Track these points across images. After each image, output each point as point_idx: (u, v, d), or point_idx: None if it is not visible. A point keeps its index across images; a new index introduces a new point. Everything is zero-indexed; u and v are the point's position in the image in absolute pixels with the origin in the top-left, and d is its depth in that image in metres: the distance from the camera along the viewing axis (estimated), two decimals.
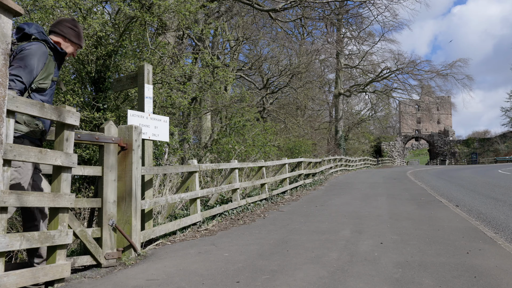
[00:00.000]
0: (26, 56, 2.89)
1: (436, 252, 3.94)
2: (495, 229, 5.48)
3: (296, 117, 22.46)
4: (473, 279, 3.08)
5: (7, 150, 2.46)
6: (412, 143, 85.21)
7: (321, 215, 6.68)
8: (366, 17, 35.71)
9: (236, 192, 7.45)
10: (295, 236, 4.92)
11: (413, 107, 54.58)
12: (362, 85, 37.85)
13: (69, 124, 3.03)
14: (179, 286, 3.01)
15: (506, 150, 56.01)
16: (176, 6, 7.23)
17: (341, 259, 3.73)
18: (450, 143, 61.01)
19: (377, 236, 4.81)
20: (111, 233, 3.78)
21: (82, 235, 3.46)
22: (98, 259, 3.59)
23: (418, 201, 8.30)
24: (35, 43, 2.99)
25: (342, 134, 36.23)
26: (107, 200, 3.78)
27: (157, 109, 7.53)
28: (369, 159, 38.30)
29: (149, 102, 4.69)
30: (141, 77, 4.65)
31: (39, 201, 2.75)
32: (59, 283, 2.97)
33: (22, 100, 2.61)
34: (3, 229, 2.47)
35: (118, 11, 7.42)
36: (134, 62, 7.24)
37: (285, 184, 11.26)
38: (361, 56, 36.16)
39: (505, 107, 77.08)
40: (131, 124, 4.08)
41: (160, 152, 7.62)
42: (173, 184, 7.35)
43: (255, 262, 3.67)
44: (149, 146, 4.70)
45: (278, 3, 13.19)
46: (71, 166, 3.04)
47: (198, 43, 13.22)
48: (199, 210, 5.80)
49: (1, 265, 2.46)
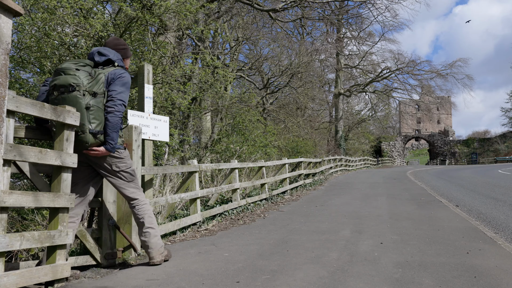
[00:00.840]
0: (125, 84, 3.35)
1: (436, 252, 3.94)
2: (495, 229, 5.48)
3: (296, 117, 22.45)
4: (473, 279, 3.08)
5: (7, 150, 2.46)
6: (412, 143, 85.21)
7: (321, 215, 6.68)
8: (366, 17, 35.71)
9: (236, 192, 7.45)
10: (295, 236, 4.92)
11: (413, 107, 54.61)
12: (362, 85, 37.85)
13: (69, 124, 3.03)
14: (179, 286, 3.01)
15: (506, 150, 56.01)
16: (177, 6, 7.23)
17: (341, 259, 3.73)
18: (450, 143, 61.01)
19: (377, 236, 4.81)
20: (110, 233, 3.78)
21: (82, 235, 3.47)
22: (97, 259, 3.60)
23: (418, 201, 8.30)
24: (125, 72, 3.44)
25: (342, 134, 36.22)
26: (107, 200, 3.79)
27: (157, 109, 7.53)
28: (369, 159, 38.31)
29: (149, 102, 4.69)
30: (141, 77, 4.65)
31: (39, 201, 2.75)
32: (59, 283, 2.97)
33: (22, 100, 2.62)
34: (3, 229, 2.47)
35: (118, 11, 7.43)
36: (135, 62, 7.25)
37: (285, 184, 11.26)
38: (361, 56, 36.16)
39: (505, 107, 77.07)
40: (131, 124, 4.08)
41: (160, 152, 7.63)
42: (173, 184, 7.36)
43: (255, 262, 3.67)
44: (149, 146, 4.70)
45: (278, 3, 13.20)
46: (71, 166, 3.04)
47: (198, 43, 13.22)
48: (199, 210, 5.80)
49: (1, 265, 2.46)
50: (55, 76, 3.18)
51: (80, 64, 3.24)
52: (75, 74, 3.14)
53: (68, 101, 3.07)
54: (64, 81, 3.12)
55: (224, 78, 10.30)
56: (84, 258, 3.54)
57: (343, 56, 35.63)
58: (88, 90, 3.15)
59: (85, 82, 3.15)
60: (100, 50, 3.40)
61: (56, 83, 3.14)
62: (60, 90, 3.11)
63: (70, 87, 3.10)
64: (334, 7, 24.53)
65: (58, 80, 3.14)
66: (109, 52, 3.42)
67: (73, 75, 3.13)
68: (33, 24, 6.27)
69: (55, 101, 3.09)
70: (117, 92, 3.27)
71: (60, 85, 3.12)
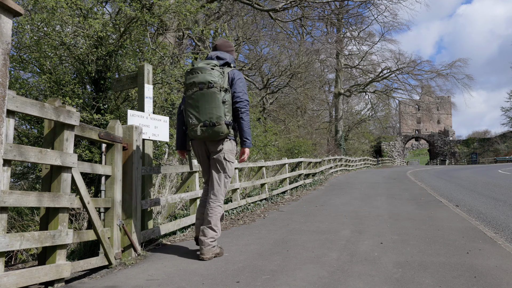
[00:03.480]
0: (244, 84, 3.86)
1: (436, 252, 3.94)
2: (495, 229, 5.48)
3: (296, 117, 22.45)
4: (473, 279, 3.08)
5: (7, 150, 2.46)
6: (412, 143, 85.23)
7: (321, 215, 6.68)
8: (366, 17, 35.73)
9: (236, 192, 7.46)
10: (295, 236, 4.92)
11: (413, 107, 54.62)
12: (362, 85, 37.86)
13: (69, 124, 3.04)
14: (179, 286, 3.01)
15: (506, 150, 56.00)
16: (177, 6, 7.23)
17: (341, 259, 3.73)
18: (450, 143, 61.02)
19: (377, 236, 4.81)
20: (118, 233, 3.79)
21: (102, 235, 3.46)
22: (111, 260, 3.59)
23: (418, 201, 8.31)
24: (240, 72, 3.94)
25: (342, 134, 36.22)
26: (116, 200, 3.79)
27: (157, 109, 7.53)
28: (369, 159, 38.29)
29: (149, 102, 4.70)
30: (141, 77, 4.66)
31: (39, 201, 2.75)
32: (59, 283, 2.97)
33: (22, 100, 2.62)
34: (3, 229, 2.47)
35: (118, 11, 7.43)
36: (135, 62, 7.25)
37: (285, 184, 11.25)
38: (361, 56, 36.17)
39: (505, 107, 77.05)
40: (132, 124, 4.08)
41: (160, 152, 7.63)
42: (173, 184, 7.36)
43: (255, 262, 3.67)
44: (149, 146, 4.70)
45: (278, 3, 13.20)
46: (71, 166, 3.04)
47: (198, 44, 13.22)
48: None
49: (1, 265, 2.46)
50: (192, 75, 3.65)
51: (212, 64, 3.70)
52: (211, 73, 3.60)
53: (207, 96, 3.57)
54: (203, 78, 3.58)
55: None
56: (100, 259, 3.52)
57: (343, 56, 35.62)
58: (221, 86, 3.61)
59: (219, 80, 3.62)
60: (218, 55, 3.88)
61: (195, 80, 3.61)
62: (199, 86, 3.58)
63: (209, 84, 3.57)
64: (334, 7, 24.54)
65: (196, 78, 3.61)
66: (225, 55, 3.90)
67: (210, 73, 3.60)
68: (32, 24, 6.27)
69: (192, 97, 3.62)
70: (243, 93, 3.75)
71: (199, 82, 3.59)
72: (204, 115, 3.58)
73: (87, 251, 4.14)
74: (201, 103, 3.58)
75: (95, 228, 3.41)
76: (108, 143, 3.81)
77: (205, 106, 3.57)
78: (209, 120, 3.57)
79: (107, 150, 3.86)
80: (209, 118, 3.57)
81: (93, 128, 3.51)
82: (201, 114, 3.59)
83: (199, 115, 3.60)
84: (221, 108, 3.57)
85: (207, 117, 3.57)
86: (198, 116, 3.60)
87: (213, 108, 3.57)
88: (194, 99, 3.58)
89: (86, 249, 4.18)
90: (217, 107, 3.55)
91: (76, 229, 4.87)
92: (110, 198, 3.76)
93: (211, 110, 3.57)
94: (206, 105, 3.57)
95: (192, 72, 3.64)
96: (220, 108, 3.57)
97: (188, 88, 3.65)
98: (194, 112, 3.62)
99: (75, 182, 3.17)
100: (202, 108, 3.58)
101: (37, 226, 4.62)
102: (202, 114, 3.59)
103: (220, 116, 3.57)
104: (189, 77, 3.65)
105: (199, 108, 3.59)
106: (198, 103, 3.59)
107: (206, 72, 3.59)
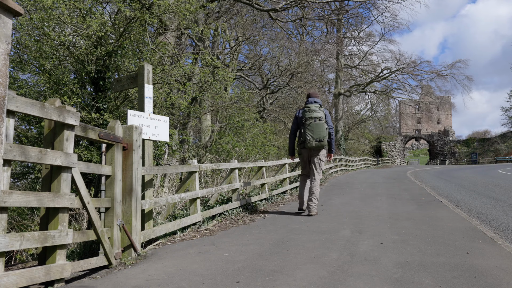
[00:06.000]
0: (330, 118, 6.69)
1: (436, 252, 3.94)
2: (495, 229, 5.48)
3: None
4: (473, 279, 3.08)
5: (7, 150, 2.46)
6: (412, 143, 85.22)
7: (320, 214, 6.68)
8: (366, 17, 35.76)
9: (236, 192, 7.45)
10: (295, 236, 4.92)
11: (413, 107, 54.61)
12: (362, 85, 37.83)
13: (69, 124, 3.04)
14: (179, 286, 3.01)
15: (506, 150, 55.99)
16: (176, 6, 7.23)
17: (341, 259, 3.73)
18: (450, 143, 61.02)
19: (377, 236, 4.81)
20: (118, 233, 3.78)
21: (102, 235, 3.46)
22: (111, 260, 3.59)
23: (418, 201, 8.30)
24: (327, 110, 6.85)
25: (342, 134, 36.21)
26: (116, 199, 3.79)
27: (157, 109, 7.53)
28: (369, 159, 38.26)
29: (149, 102, 4.69)
30: (141, 77, 4.66)
31: (39, 201, 2.75)
32: (59, 283, 2.97)
33: (22, 100, 2.62)
34: (3, 229, 2.47)
35: (117, 11, 7.42)
36: (134, 62, 7.25)
37: (285, 184, 11.25)
38: (361, 56, 36.14)
39: (505, 106, 76.99)
40: (132, 124, 4.08)
41: (160, 152, 7.62)
42: (173, 184, 7.35)
43: (255, 262, 3.67)
44: (149, 146, 4.70)
45: (278, 3, 13.20)
46: (71, 166, 3.04)
47: (198, 43, 13.22)
48: (199, 210, 5.80)
49: (1, 265, 2.46)
50: (309, 113, 6.38)
51: (318, 106, 6.46)
52: (320, 112, 6.41)
53: (320, 126, 6.32)
54: (317, 115, 6.36)
55: (224, 78, 10.29)
56: (100, 259, 3.52)
57: (343, 56, 35.61)
58: (324, 120, 6.42)
59: (323, 116, 6.41)
60: (316, 100, 6.56)
61: (313, 115, 6.36)
62: (315, 120, 6.34)
63: (320, 118, 6.37)
64: (334, 7, 24.55)
65: (313, 114, 6.37)
66: (318, 100, 6.61)
67: (320, 112, 6.40)
68: (31, 24, 6.27)
69: (311, 125, 6.34)
70: (331, 123, 6.63)
71: (315, 117, 6.35)
72: (317, 135, 6.32)
73: (87, 251, 4.14)
74: (316, 128, 6.33)
75: (95, 228, 3.41)
76: (108, 143, 3.81)
77: (318, 130, 6.33)
78: (319, 139, 6.33)
79: (107, 150, 3.86)
80: (319, 137, 6.32)
81: (93, 128, 3.51)
82: (315, 134, 6.32)
83: (313, 135, 6.33)
84: (326, 132, 6.37)
85: (319, 136, 6.32)
86: (313, 136, 6.33)
87: (321, 131, 6.32)
88: (312, 125, 6.33)
89: (86, 249, 4.18)
90: (323, 131, 6.34)
91: (76, 229, 4.87)
92: (110, 198, 3.76)
93: (320, 133, 6.32)
94: (318, 129, 6.33)
95: (309, 111, 6.40)
96: (325, 132, 6.36)
97: (307, 119, 6.37)
98: (311, 133, 6.34)
99: (75, 182, 3.17)
100: (316, 132, 6.33)
101: (37, 226, 4.61)
102: (315, 134, 6.32)
103: (325, 136, 6.35)
104: (307, 114, 6.38)
105: (314, 132, 6.33)
106: (313, 129, 6.33)
107: (318, 111, 6.40)
